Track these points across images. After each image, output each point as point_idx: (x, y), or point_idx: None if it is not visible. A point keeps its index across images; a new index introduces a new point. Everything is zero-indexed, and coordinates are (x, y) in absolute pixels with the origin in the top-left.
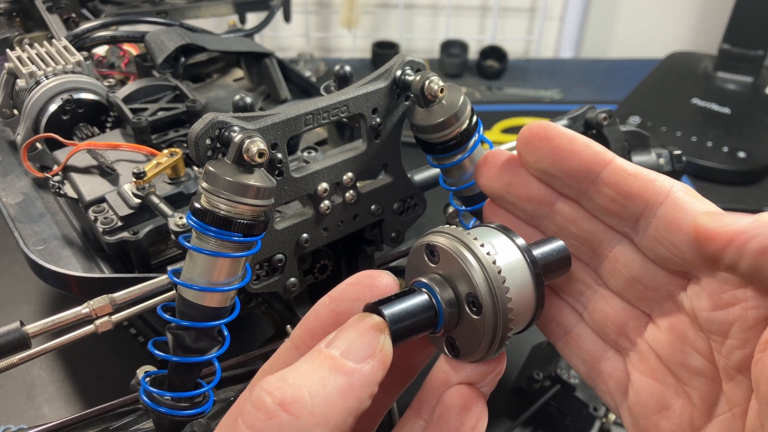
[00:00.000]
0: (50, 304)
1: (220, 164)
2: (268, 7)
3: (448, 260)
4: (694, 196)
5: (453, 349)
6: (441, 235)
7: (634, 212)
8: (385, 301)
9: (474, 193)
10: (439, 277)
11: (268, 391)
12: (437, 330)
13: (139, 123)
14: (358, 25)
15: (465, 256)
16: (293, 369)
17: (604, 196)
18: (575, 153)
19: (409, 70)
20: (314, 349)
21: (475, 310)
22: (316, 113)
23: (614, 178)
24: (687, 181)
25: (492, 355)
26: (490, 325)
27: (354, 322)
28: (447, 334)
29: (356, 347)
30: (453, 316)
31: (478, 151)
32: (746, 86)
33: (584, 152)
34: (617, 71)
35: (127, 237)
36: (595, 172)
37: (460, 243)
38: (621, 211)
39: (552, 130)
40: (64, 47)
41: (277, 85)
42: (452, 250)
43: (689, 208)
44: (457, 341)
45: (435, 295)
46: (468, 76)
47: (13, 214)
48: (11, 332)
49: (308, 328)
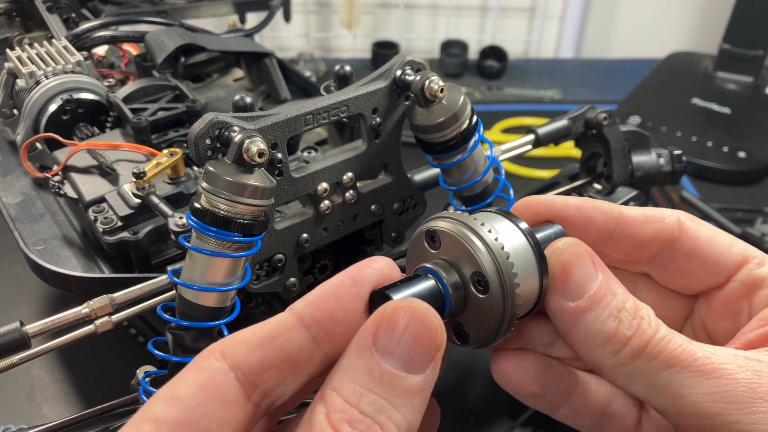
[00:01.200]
0: (50, 304)
1: (220, 164)
2: (268, 7)
3: (451, 243)
4: (701, 223)
5: (461, 336)
6: (441, 219)
7: (651, 254)
8: (391, 287)
9: (474, 193)
10: (443, 262)
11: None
12: (444, 315)
13: (139, 123)
14: (358, 25)
15: (468, 236)
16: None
17: (620, 249)
18: (589, 221)
19: (409, 70)
20: (372, 364)
21: (481, 289)
22: (316, 113)
23: (628, 231)
24: (687, 181)
25: (501, 337)
26: (499, 303)
27: (413, 323)
28: (453, 319)
29: (418, 356)
30: (460, 300)
31: (478, 151)
32: (746, 86)
33: (596, 218)
34: (617, 71)
35: (127, 237)
36: (610, 231)
37: (462, 224)
38: (638, 257)
39: (554, 206)
40: (64, 47)
41: (277, 85)
42: (454, 232)
43: (701, 236)
44: (465, 326)
45: (440, 279)
46: (468, 76)
47: (13, 214)
48: (11, 332)
49: (328, 309)
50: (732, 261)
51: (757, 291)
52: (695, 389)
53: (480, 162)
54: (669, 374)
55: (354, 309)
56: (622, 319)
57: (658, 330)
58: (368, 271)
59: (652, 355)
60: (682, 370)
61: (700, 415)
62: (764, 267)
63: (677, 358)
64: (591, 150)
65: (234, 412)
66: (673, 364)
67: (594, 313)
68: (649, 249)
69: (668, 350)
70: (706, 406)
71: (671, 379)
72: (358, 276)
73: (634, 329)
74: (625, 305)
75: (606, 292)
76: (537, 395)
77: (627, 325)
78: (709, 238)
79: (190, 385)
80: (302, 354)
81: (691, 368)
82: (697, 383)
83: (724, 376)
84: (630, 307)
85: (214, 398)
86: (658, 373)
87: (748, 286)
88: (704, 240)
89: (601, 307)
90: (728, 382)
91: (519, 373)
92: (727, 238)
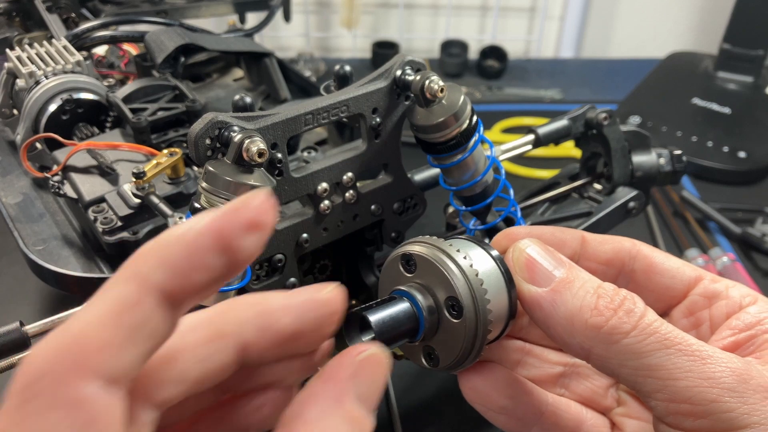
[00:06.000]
0: (50, 304)
1: (219, 164)
2: (267, 6)
3: (426, 267)
4: (653, 248)
5: (431, 359)
6: (417, 244)
7: (614, 274)
8: (368, 308)
9: (474, 193)
10: (418, 285)
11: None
12: (417, 338)
13: (139, 123)
14: (358, 24)
15: (444, 261)
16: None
17: (588, 270)
18: (564, 243)
19: (409, 69)
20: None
21: (455, 314)
22: (316, 113)
23: (591, 250)
24: (687, 181)
25: (470, 362)
26: (471, 328)
27: (373, 363)
28: (425, 343)
29: (374, 395)
30: (433, 324)
31: (479, 150)
32: (747, 86)
33: (567, 240)
34: (617, 71)
35: (127, 237)
36: (579, 252)
37: (438, 250)
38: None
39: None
40: (64, 47)
41: (276, 84)
42: (430, 257)
43: (656, 255)
44: (436, 349)
45: (415, 302)
46: (468, 75)
47: (12, 214)
48: (11, 332)
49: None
50: (688, 277)
51: (715, 303)
52: (690, 373)
53: (480, 162)
54: (663, 354)
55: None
56: (601, 294)
57: (647, 312)
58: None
59: (646, 333)
60: (677, 352)
61: (693, 401)
62: (718, 283)
63: (672, 340)
64: (591, 150)
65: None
66: (669, 345)
67: (569, 291)
68: (611, 267)
69: (662, 331)
70: (701, 391)
71: (666, 360)
72: (220, 228)
73: (616, 304)
74: (601, 284)
75: (577, 273)
76: (507, 410)
77: (609, 300)
78: (664, 259)
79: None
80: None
81: (687, 351)
82: (692, 366)
83: (719, 363)
84: (608, 286)
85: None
86: (653, 352)
87: (707, 298)
88: (659, 260)
89: (575, 285)
90: (723, 370)
91: (487, 386)
92: (679, 261)
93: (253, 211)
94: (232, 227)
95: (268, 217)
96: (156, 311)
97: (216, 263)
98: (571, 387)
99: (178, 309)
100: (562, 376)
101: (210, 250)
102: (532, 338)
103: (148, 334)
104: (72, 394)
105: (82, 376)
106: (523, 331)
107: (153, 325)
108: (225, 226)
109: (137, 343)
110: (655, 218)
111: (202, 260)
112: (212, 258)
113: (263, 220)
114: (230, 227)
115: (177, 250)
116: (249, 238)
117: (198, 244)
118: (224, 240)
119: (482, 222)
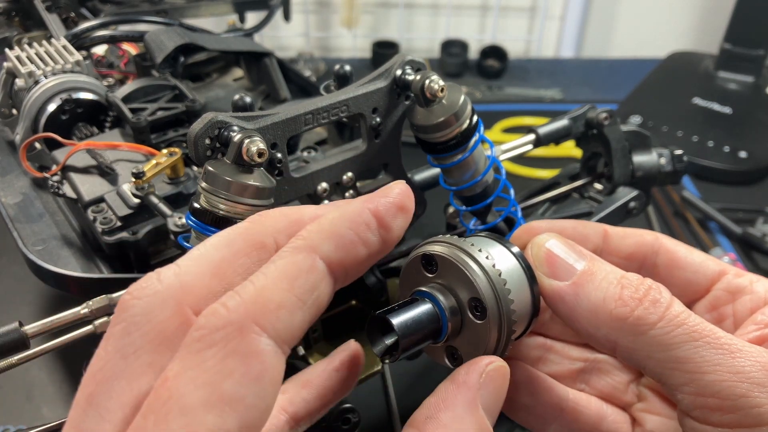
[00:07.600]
0: (49, 304)
1: (219, 164)
2: (267, 6)
3: (448, 268)
4: (677, 241)
5: (454, 359)
6: (437, 244)
7: (636, 268)
8: (390, 311)
9: (474, 193)
10: (439, 286)
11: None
12: (440, 339)
13: (139, 123)
14: (358, 24)
15: (466, 262)
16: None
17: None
18: (586, 238)
19: (409, 69)
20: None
21: (478, 315)
22: (316, 113)
23: (613, 245)
24: (688, 181)
25: None
26: (495, 328)
27: (500, 375)
28: (448, 343)
29: (498, 406)
30: (456, 324)
31: (479, 150)
32: (747, 86)
33: (590, 235)
34: (618, 71)
35: (126, 237)
36: (601, 247)
37: (459, 250)
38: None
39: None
40: (63, 47)
41: (276, 84)
42: (452, 257)
43: (680, 249)
44: (459, 349)
45: (438, 303)
46: (468, 75)
47: (12, 214)
48: (10, 332)
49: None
50: (711, 271)
51: (739, 297)
52: (719, 366)
53: (480, 162)
54: (691, 347)
55: (367, 242)
56: (625, 285)
57: (674, 302)
58: (384, 201)
59: (674, 324)
60: (705, 345)
61: (721, 395)
62: (743, 277)
63: (700, 332)
64: (592, 150)
65: None
66: (697, 338)
67: (592, 283)
68: (633, 261)
69: (690, 323)
70: (729, 386)
71: (694, 353)
72: (376, 208)
73: (641, 294)
74: (625, 274)
75: (599, 264)
76: (527, 407)
77: (633, 290)
78: (687, 253)
79: (242, 381)
80: (326, 303)
81: (716, 344)
82: (721, 360)
83: (749, 357)
84: (632, 276)
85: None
86: (681, 345)
87: (730, 293)
88: (682, 254)
89: (598, 276)
90: (753, 364)
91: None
92: (702, 254)
93: (399, 196)
94: (386, 208)
95: (411, 203)
96: (324, 280)
97: (374, 239)
98: (591, 382)
99: (336, 282)
100: (582, 371)
101: (370, 227)
102: (553, 334)
103: (314, 300)
104: (250, 346)
105: (261, 332)
106: (544, 326)
107: (319, 292)
108: (380, 207)
109: (305, 308)
110: (655, 218)
111: (364, 235)
112: (371, 234)
113: (408, 204)
114: (384, 208)
115: (343, 225)
116: (398, 218)
117: (361, 220)
118: (381, 219)
119: (482, 222)
